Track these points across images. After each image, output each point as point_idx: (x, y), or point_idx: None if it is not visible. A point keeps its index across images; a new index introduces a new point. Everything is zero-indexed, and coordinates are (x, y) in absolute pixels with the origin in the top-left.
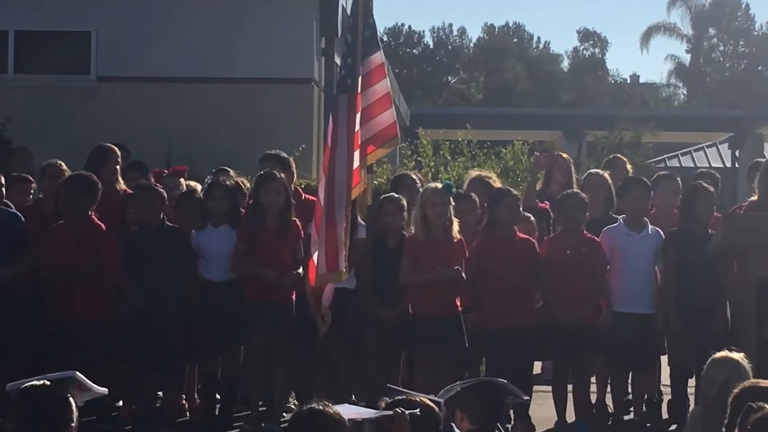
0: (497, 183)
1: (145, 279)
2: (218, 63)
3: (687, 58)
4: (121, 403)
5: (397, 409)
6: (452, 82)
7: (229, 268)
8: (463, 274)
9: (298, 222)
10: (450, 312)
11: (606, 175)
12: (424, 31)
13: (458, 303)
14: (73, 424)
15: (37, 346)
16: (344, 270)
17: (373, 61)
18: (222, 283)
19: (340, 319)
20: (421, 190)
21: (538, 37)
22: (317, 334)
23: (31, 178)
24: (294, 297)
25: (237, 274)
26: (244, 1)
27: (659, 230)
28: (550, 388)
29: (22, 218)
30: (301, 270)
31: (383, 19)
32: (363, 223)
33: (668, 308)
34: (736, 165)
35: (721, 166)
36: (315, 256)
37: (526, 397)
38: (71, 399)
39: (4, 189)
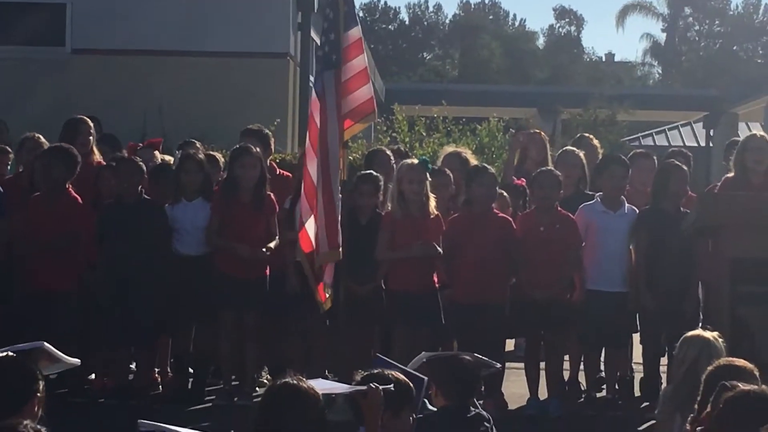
0: (473, 159)
1: (122, 252)
2: (194, 36)
3: (662, 37)
4: (93, 376)
5: (371, 384)
6: (427, 58)
7: (202, 242)
8: (440, 250)
9: (272, 196)
10: (427, 288)
11: (581, 153)
12: (399, 7)
13: (435, 279)
14: (38, 395)
15: (10, 319)
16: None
17: (350, 36)
18: (195, 257)
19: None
20: (395, 165)
21: (514, 15)
22: (290, 309)
23: (8, 149)
24: (267, 272)
25: (211, 248)
26: None
27: (635, 209)
28: (522, 365)
29: (0, 189)
30: (273, 244)
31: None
32: (339, 195)
33: (640, 286)
34: (711, 144)
35: (695, 145)
36: (309, 228)
37: (498, 365)
38: (36, 371)
39: None
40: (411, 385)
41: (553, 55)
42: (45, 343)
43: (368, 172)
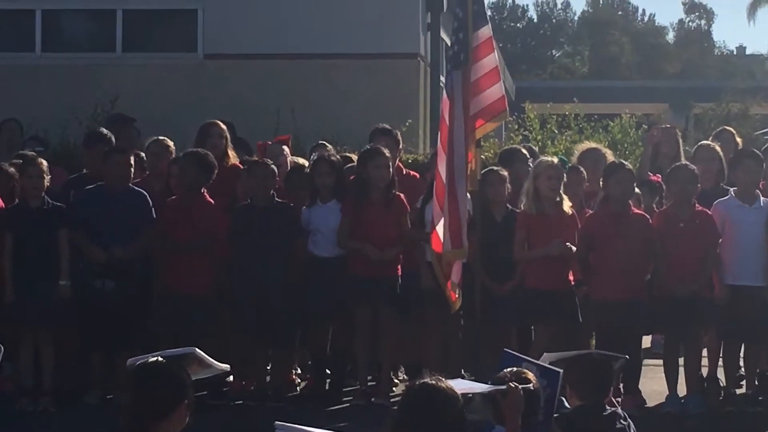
0: (610, 156)
1: (256, 254)
2: (324, 39)
3: None
4: (231, 378)
5: (510, 384)
6: (557, 55)
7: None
8: (574, 249)
9: (402, 196)
10: (563, 286)
11: (717, 147)
12: (527, 5)
13: (571, 277)
14: (187, 401)
15: (152, 322)
16: (467, 246)
17: (481, 35)
18: (331, 258)
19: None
20: (531, 164)
21: (643, 10)
22: (425, 308)
23: (142, 154)
24: (400, 270)
25: (342, 250)
26: None
27: None
28: (659, 361)
29: (147, 196)
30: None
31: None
32: (469, 197)
33: None
34: None
35: None
36: (439, 229)
37: (626, 357)
38: (186, 377)
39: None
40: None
41: (684, 49)
42: (196, 349)
43: (492, 166)
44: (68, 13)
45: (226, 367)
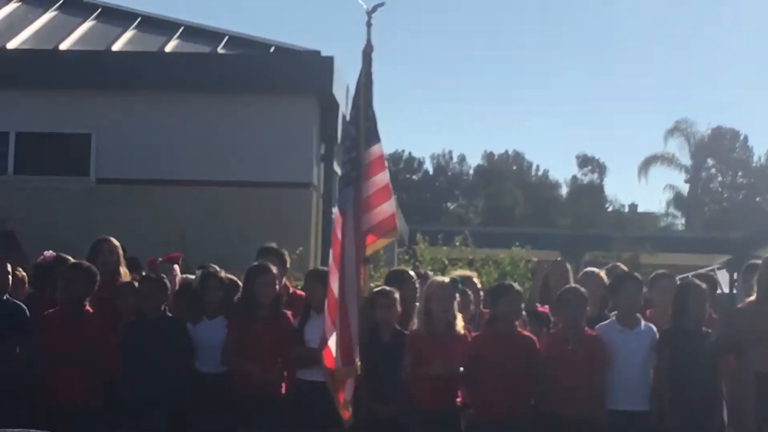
0: (478, 282)
1: (144, 369)
2: (217, 166)
3: (685, 188)
4: None
5: None
6: (451, 207)
7: None
8: (461, 369)
9: (289, 314)
10: (448, 406)
11: (602, 273)
12: (424, 158)
13: (458, 398)
14: None
15: None
16: (359, 363)
17: (372, 153)
18: (217, 375)
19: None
20: (418, 285)
21: (537, 165)
22: (308, 426)
23: (21, 270)
24: (284, 389)
25: (226, 367)
26: (245, 106)
27: (652, 326)
28: None
29: (26, 310)
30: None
31: (383, 144)
32: (356, 311)
33: (663, 406)
34: (734, 291)
35: (719, 291)
36: (331, 345)
37: None
38: None
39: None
40: None
41: (576, 203)
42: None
43: (382, 287)
44: None
45: None
